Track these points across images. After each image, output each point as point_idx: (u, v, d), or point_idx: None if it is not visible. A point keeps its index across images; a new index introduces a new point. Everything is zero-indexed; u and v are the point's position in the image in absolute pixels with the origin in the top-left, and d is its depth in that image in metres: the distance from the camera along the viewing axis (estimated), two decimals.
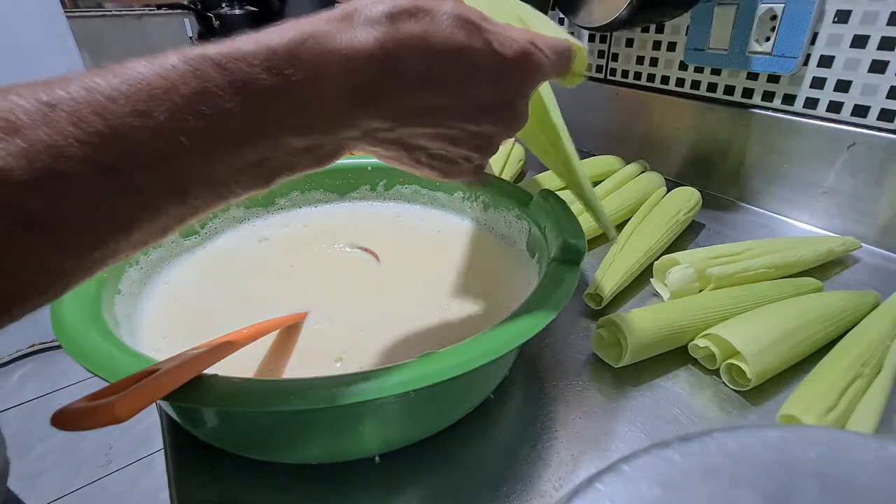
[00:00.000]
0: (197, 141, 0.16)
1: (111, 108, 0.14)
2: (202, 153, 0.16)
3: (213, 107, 0.16)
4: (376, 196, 0.49)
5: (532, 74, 0.23)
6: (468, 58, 0.20)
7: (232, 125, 0.16)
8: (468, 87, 0.21)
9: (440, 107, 0.21)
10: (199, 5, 1.64)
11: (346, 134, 0.20)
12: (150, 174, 0.15)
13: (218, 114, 0.16)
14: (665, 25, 0.63)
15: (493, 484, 0.27)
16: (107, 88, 0.14)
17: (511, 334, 0.24)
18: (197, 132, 0.16)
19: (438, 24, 0.19)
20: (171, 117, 0.15)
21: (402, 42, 0.18)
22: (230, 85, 0.16)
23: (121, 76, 0.15)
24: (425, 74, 0.19)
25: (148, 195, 0.16)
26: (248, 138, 0.17)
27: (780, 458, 0.16)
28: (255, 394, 0.21)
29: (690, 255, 0.41)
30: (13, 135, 0.13)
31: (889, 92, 0.46)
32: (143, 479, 1.17)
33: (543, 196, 0.38)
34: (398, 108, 0.20)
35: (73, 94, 0.14)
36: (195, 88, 0.15)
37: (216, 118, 0.16)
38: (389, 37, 0.18)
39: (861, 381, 0.30)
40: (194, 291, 0.37)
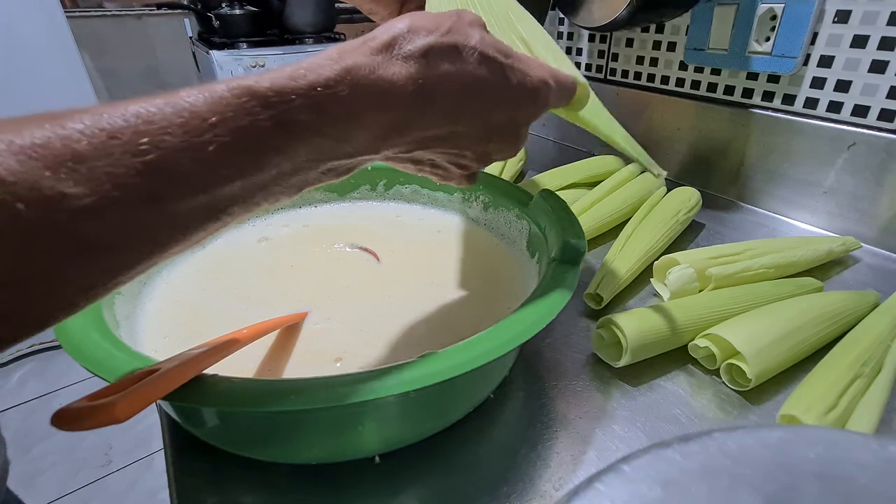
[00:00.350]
0: (239, 172, 0.17)
1: (165, 140, 0.15)
2: (242, 181, 0.17)
3: (257, 141, 0.17)
4: (376, 196, 0.49)
5: (541, 107, 0.25)
6: (490, 93, 0.22)
7: (273, 158, 0.17)
8: (483, 118, 0.23)
9: (459, 134, 0.23)
10: (199, 5, 1.64)
11: (367, 158, 0.21)
12: (193, 202, 0.16)
13: (261, 147, 0.17)
14: (665, 25, 0.63)
15: (493, 484, 0.27)
16: (161, 119, 0.15)
17: (511, 334, 0.24)
18: (240, 164, 0.17)
19: (467, 62, 0.21)
20: (218, 150, 0.16)
21: (436, 81, 0.20)
22: (272, 120, 0.17)
23: (174, 106, 0.15)
24: (452, 109, 0.21)
25: (190, 220, 0.16)
26: (286, 168, 0.18)
27: (780, 458, 0.16)
28: (254, 394, 0.21)
29: (690, 255, 0.41)
30: (77, 162, 0.13)
31: (889, 92, 0.46)
32: (143, 479, 1.17)
33: (543, 196, 0.38)
34: (422, 137, 0.22)
35: (131, 125, 0.15)
36: (242, 124, 0.16)
37: (259, 151, 0.17)
38: (424, 76, 0.19)
39: (861, 381, 0.30)
40: (194, 291, 0.37)
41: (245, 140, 0.16)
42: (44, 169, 0.13)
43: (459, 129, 0.22)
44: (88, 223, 0.14)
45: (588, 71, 0.77)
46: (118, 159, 0.14)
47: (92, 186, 0.14)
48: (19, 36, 1.17)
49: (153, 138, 0.15)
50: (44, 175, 0.13)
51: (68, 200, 0.13)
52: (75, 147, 0.14)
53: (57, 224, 0.13)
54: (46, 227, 0.13)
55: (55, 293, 0.14)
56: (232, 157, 0.16)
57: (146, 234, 0.16)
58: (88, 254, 0.14)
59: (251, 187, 0.18)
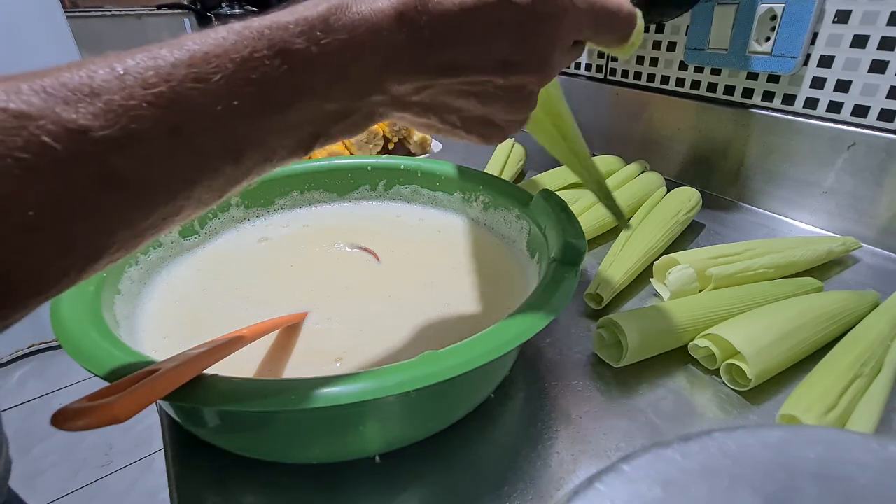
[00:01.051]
0: (247, 103, 0.17)
1: (174, 73, 0.16)
2: (252, 115, 0.18)
3: (258, 71, 0.17)
4: (376, 196, 0.49)
5: (556, 21, 0.21)
6: (483, 13, 0.20)
7: (275, 88, 0.18)
8: (488, 42, 0.21)
9: (462, 63, 0.21)
10: (199, 5, 1.64)
11: (376, 98, 0.21)
12: (209, 135, 0.17)
13: (263, 78, 0.17)
14: (665, 25, 0.63)
15: (494, 484, 0.27)
16: (169, 57, 0.16)
17: (511, 334, 0.24)
18: (247, 95, 0.17)
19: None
20: (226, 82, 0.17)
21: (414, 4, 0.19)
22: (270, 50, 0.17)
23: (179, 47, 0.16)
24: (443, 35, 0.20)
25: (208, 155, 0.17)
26: (289, 101, 0.18)
27: (779, 458, 0.16)
28: (254, 393, 0.21)
29: (690, 255, 0.41)
30: (93, 98, 0.14)
31: (889, 92, 0.46)
32: (143, 479, 1.17)
33: (543, 196, 0.38)
34: (421, 67, 0.21)
35: (141, 63, 0.15)
36: (243, 55, 0.17)
37: (261, 82, 0.17)
38: (403, 1, 0.19)
39: (861, 381, 0.30)
40: (194, 291, 0.37)
41: (247, 69, 0.17)
42: (63, 103, 0.14)
43: (464, 59, 0.21)
44: (116, 155, 0.15)
45: (588, 71, 0.77)
46: (130, 92, 0.15)
47: (110, 119, 0.15)
48: (19, 36, 1.17)
49: (160, 72, 0.15)
50: (64, 108, 0.14)
51: (92, 133, 0.14)
52: (90, 83, 0.15)
53: (86, 155, 0.14)
54: (77, 159, 0.14)
55: (97, 231, 0.16)
56: (238, 89, 0.17)
57: (172, 168, 0.16)
58: (121, 185, 0.15)
59: (263, 127, 0.18)
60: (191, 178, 0.17)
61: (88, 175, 0.15)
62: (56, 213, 0.14)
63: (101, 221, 0.16)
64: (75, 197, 0.15)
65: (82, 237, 0.15)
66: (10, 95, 0.14)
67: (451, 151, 0.75)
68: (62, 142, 0.14)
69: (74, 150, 0.14)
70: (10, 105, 0.13)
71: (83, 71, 0.15)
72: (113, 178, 0.15)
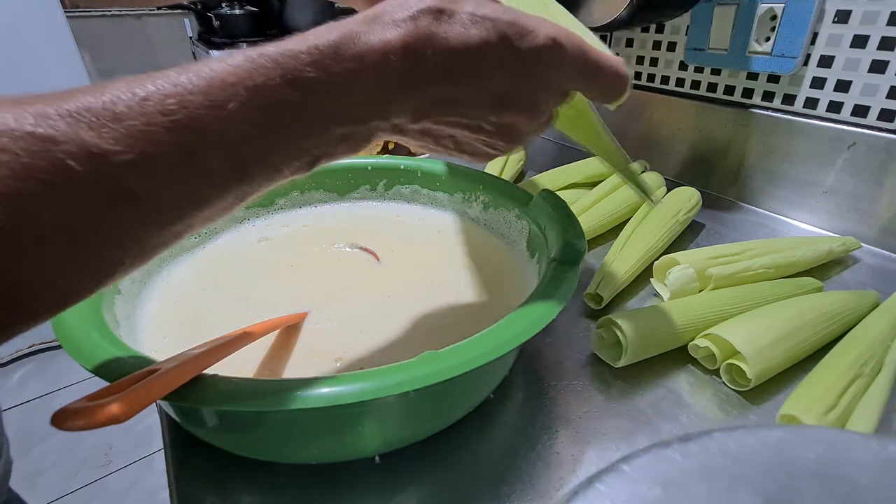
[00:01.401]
0: (258, 129, 0.18)
1: (192, 100, 0.17)
2: (262, 139, 0.19)
3: (270, 99, 0.18)
4: (376, 196, 0.49)
5: (552, 69, 0.23)
6: (484, 53, 0.21)
7: (285, 115, 0.19)
8: (484, 80, 0.22)
9: (459, 99, 0.22)
10: (199, 5, 1.64)
11: (376, 125, 0.22)
12: (219, 158, 0.18)
13: (274, 105, 0.18)
14: (665, 25, 0.63)
15: (493, 484, 0.27)
16: (188, 84, 0.17)
17: (511, 334, 0.24)
18: (258, 121, 0.18)
19: (456, 23, 0.21)
20: (239, 108, 0.17)
21: (422, 39, 0.20)
22: (283, 79, 0.18)
23: (198, 74, 0.17)
24: (445, 69, 0.21)
25: (217, 175, 0.18)
26: (298, 127, 0.19)
27: (780, 458, 0.16)
28: (254, 393, 0.21)
29: (690, 255, 0.41)
30: (116, 123, 0.15)
31: (889, 92, 0.46)
32: (143, 479, 1.17)
33: (543, 196, 0.38)
34: (420, 100, 0.22)
35: (161, 90, 0.16)
36: (257, 83, 0.18)
37: (273, 109, 0.18)
38: (412, 34, 0.20)
39: (861, 381, 0.30)
40: (194, 291, 0.37)
41: (260, 97, 0.18)
42: (88, 129, 0.15)
43: (461, 94, 0.22)
44: (131, 176, 0.16)
45: None
46: (150, 119, 0.16)
47: (129, 143, 0.15)
48: (19, 36, 1.17)
49: (179, 99, 0.16)
50: (89, 134, 0.15)
51: (112, 156, 0.15)
52: (113, 108, 0.15)
53: (104, 176, 0.15)
54: (96, 180, 0.15)
55: (110, 248, 0.17)
56: (250, 113, 0.18)
57: (182, 188, 0.17)
58: (134, 205, 0.16)
59: (271, 150, 0.19)
60: (201, 198, 0.18)
61: (105, 195, 0.16)
62: (71, 231, 0.15)
63: (113, 238, 0.16)
64: (91, 215, 0.15)
65: (95, 254, 0.16)
66: (39, 120, 0.14)
67: None
68: (84, 164, 0.15)
69: (94, 172, 0.15)
70: (37, 130, 0.14)
71: (106, 96, 0.16)
72: (128, 197, 0.16)
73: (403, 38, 0.20)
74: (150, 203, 0.17)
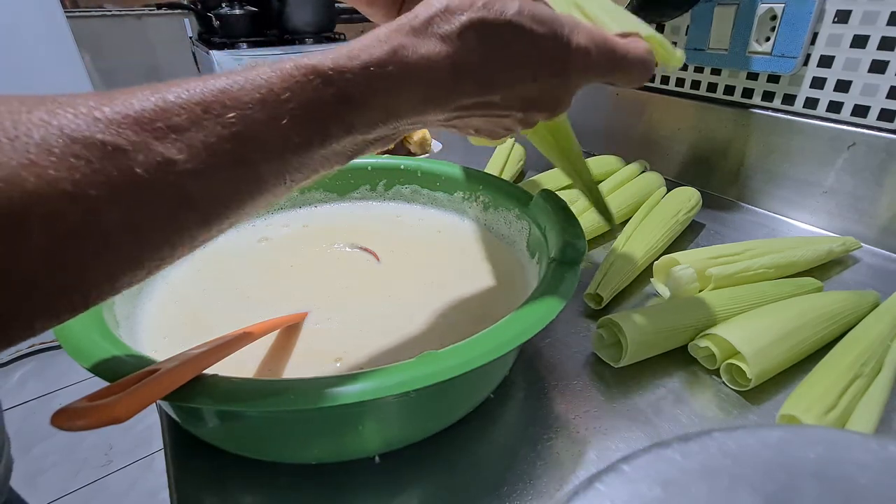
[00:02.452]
0: (307, 140, 0.19)
1: (248, 114, 0.18)
2: (307, 147, 0.20)
3: (322, 112, 0.19)
4: (376, 196, 0.49)
5: (580, 74, 0.25)
6: (524, 64, 0.23)
7: (333, 128, 0.20)
8: (517, 88, 0.24)
9: (495, 104, 0.24)
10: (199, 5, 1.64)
11: (412, 125, 0.23)
12: (269, 166, 0.19)
13: (325, 118, 0.19)
14: (665, 25, 0.63)
15: (494, 484, 0.27)
16: (244, 95, 0.18)
17: (511, 334, 0.24)
18: (308, 133, 0.19)
19: (499, 36, 0.22)
20: (291, 122, 0.19)
21: (468, 58, 0.21)
22: (334, 97, 0.19)
23: (253, 83, 0.18)
24: (486, 82, 0.23)
25: (264, 180, 0.19)
26: (344, 136, 0.21)
27: (779, 458, 0.16)
28: (254, 393, 0.21)
29: (690, 255, 0.41)
30: (179, 134, 0.16)
31: (889, 92, 0.46)
32: (143, 479, 1.17)
33: (543, 196, 0.38)
34: (458, 106, 0.23)
35: (218, 98, 0.17)
36: (310, 97, 0.19)
37: (323, 122, 0.20)
38: (457, 53, 0.21)
39: (861, 381, 0.30)
40: (194, 291, 0.37)
41: (312, 112, 0.19)
42: (154, 140, 0.16)
43: (495, 100, 0.24)
44: (192, 182, 0.17)
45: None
46: (211, 131, 0.17)
47: (192, 153, 0.17)
48: (19, 36, 1.17)
49: (239, 112, 0.17)
50: (155, 144, 0.16)
51: (176, 165, 0.16)
52: (176, 121, 0.16)
53: (168, 183, 0.16)
54: (161, 186, 0.16)
55: (164, 244, 0.18)
56: (301, 127, 0.19)
57: (234, 192, 0.19)
58: (192, 208, 0.18)
59: (313, 156, 0.20)
60: (247, 199, 0.19)
61: (168, 199, 0.17)
62: (136, 232, 0.16)
63: (169, 239, 0.18)
64: (155, 218, 0.17)
65: (152, 253, 0.17)
66: (111, 128, 0.15)
67: (451, 151, 0.75)
68: (150, 172, 0.16)
69: (159, 179, 0.16)
70: (108, 138, 0.15)
71: (169, 105, 0.17)
72: (188, 201, 0.17)
73: (451, 56, 0.21)
74: (206, 206, 0.18)
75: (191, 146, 0.17)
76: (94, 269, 0.16)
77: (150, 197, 0.16)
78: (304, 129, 0.19)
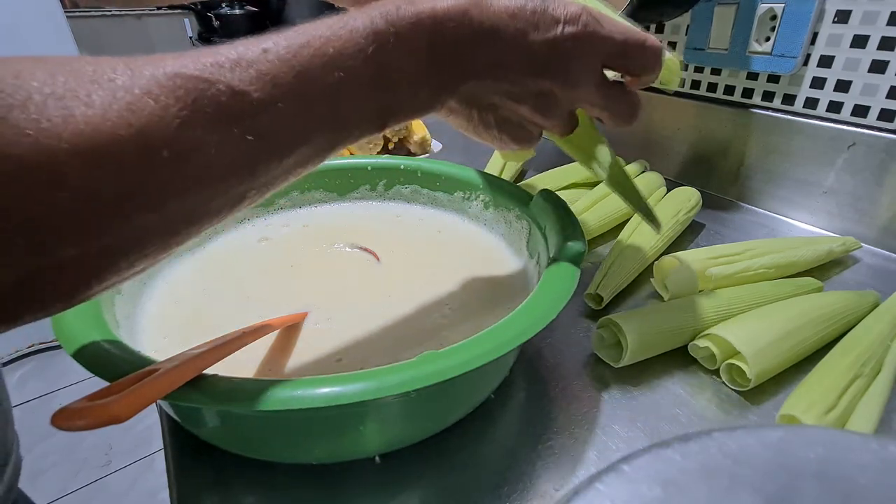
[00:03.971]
0: (365, 84, 0.21)
1: (302, 52, 0.19)
2: (354, 92, 0.21)
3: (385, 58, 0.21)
4: (376, 196, 0.49)
5: (583, 37, 0.25)
6: (525, 17, 0.24)
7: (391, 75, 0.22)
8: (526, 42, 0.24)
9: (504, 62, 0.24)
10: (199, 5, 1.64)
11: (438, 90, 0.24)
12: (322, 105, 0.20)
13: (383, 67, 0.21)
14: (665, 25, 0.63)
15: (494, 484, 0.27)
16: (295, 40, 0.20)
17: (511, 334, 0.24)
18: (366, 77, 0.21)
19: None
20: (332, 61, 0.20)
21: (476, 4, 0.23)
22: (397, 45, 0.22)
23: (306, 36, 0.20)
24: (491, 30, 0.23)
25: (317, 120, 0.21)
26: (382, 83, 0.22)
27: (779, 458, 0.16)
28: (254, 393, 0.21)
29: (690, 255, 0.41)
30: (247, 68, 0.18)
31: (889, 92, 0.46)
32: (143, 479, 1.17)
33: (543, 196, 0.38)
34: (472, 63, 0.24)
35: (278, 45, 0.19)
36: (382, 43, 0.21)
37: (381, 67, 0.21)
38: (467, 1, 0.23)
39: (861, 381, 0.30)
40: (194, 291, 0.37)
41: (378, 55, 0.21)
42: (230, 72, 0.18)
43: (503, 57, 0.24)
44: (262, 115, 0.18)
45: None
46: (274, 68, 0.19)
47: (260, 85, 0.18)
48: (19, 36, 1.17)
49: (295, 58, 0.19)
50: (230, 76, 0.18)
51: (248, 95, 0.18)
52: (244, 56, 0.18)
53: (244, 113, 0.18)
54: (238, 117, 0.18)
55: (249, 175, 0.19)
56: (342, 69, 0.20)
57: (293, 124, 0.20)
58: (262, 138, 0.19)
59: (354, 100, 0.22)
60: (299, 138, 0.20)
61: (243, 129, 0.18)
62: (220, 164, 0.18)
63: (245, 170, 0.19)
64: (234, 148, 0.18)
65: (235, 186, 0.19)
66: (196, 63, 0.17)
67: (451, 151, 0.75)
68: (230, 102, 0.18)
69: (237, 109, 0.18)
70: (195, 72, 0.17)
71: (233, 50, 0.18)
72: (258, 132, 0.19)
73: (461, 4, 0.23)
74: (272, 137, 0.19)
75: (257, 78, 0.18)
76: (194, 194, 0.18)
77: (230, 125, 0.18)
78: (363, 73, 0.21)
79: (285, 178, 0.21)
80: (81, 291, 0.17)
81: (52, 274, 0.15)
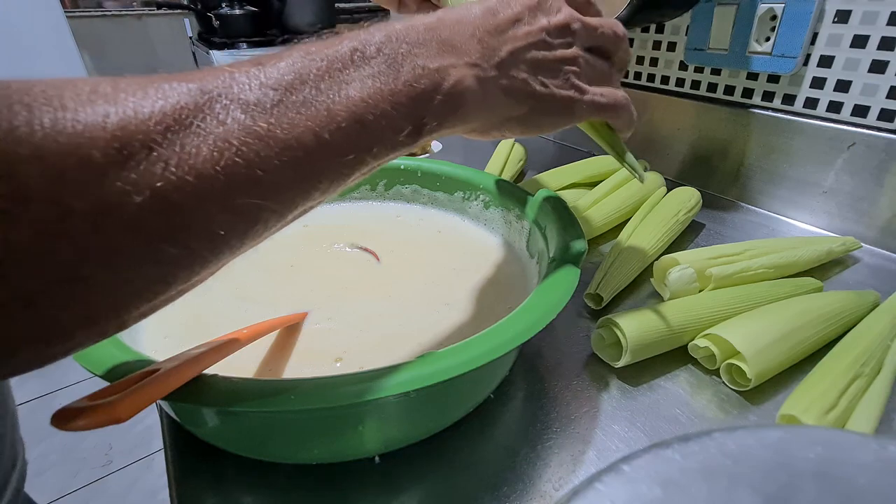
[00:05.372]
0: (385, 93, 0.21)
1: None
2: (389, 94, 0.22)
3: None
4: (376, 196, 0.49)
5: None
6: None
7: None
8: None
9: (521, 17, 0.26)
10: (199, 5, 1.64)
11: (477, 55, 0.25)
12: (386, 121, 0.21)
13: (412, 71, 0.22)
14: (665, 25, 0.63)
15: (493, 484, 0.27)
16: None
17: (511, 334, 0.24)
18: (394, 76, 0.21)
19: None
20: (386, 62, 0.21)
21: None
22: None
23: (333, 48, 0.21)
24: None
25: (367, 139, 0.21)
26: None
27: (779, 458, 0.16)
28: (254, 393, 0.21)
29: (690, 255, 0.41)
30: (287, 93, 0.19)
31: (889, 92, 0.46)
32: (143, 479, 1.17)
33: (543, 196, 0.38)
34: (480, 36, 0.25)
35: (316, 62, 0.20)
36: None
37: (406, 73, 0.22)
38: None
39: (861, 381, 0.30)
40: (194, 291, 0.36)
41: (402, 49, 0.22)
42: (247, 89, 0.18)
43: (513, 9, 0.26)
44: (292, 146, 0.19)
45: None
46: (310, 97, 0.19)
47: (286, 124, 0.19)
48: (19, 36, 1.17)
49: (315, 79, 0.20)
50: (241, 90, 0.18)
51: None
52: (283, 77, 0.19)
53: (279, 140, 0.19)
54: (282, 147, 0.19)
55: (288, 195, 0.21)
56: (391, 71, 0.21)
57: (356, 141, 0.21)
58: (298, 150, 0.19)
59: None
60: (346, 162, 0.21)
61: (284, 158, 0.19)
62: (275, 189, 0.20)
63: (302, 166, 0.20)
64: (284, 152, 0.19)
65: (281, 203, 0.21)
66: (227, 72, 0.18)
67: (451, 151, 0.75)
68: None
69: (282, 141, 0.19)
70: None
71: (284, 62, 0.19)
72: (294, 149, 0.19)
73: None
74: (308, 159, 0.20)
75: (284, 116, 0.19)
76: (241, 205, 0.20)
77: (271, 155, 0.19)
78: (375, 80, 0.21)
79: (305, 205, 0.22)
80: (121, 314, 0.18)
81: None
